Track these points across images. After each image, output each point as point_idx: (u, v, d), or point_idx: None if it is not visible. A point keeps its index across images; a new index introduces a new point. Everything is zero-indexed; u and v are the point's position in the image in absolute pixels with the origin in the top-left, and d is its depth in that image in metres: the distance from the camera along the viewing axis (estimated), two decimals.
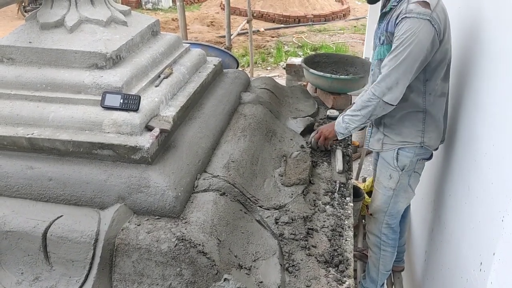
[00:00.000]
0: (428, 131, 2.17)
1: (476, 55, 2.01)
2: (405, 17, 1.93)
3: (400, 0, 2.01)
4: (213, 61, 2.51)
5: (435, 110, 2.14)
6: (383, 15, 2.14)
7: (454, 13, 2.25)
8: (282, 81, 7.31)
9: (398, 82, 1.98)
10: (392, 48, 1.99)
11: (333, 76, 2.75)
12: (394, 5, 2.04)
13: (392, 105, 2.03)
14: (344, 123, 2.18)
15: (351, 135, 2.55)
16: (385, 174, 2.33)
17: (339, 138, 2.24)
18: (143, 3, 13.53)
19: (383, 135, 2.27)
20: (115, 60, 1.80)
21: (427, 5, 1.92)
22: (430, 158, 2.31)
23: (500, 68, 1.72)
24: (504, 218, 1.47)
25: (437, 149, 2.31)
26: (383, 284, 2.65)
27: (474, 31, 2.08)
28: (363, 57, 7.09)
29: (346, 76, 2.78)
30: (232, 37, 6.30)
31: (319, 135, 2.28)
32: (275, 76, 8.30)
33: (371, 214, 2.50)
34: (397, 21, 1.97)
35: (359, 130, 2.27)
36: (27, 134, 1.64)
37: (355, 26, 12.01)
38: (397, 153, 2.24)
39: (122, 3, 13.25)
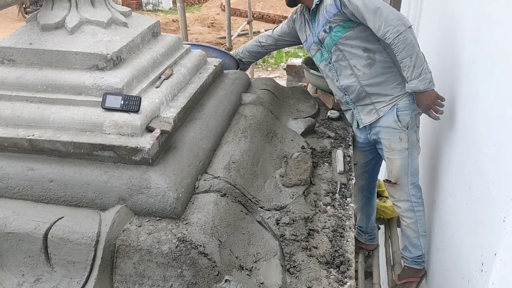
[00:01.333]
0: (404, 81, 2.32)
1: (477, 55, 2.00)
2: None
3: None
4: (213, 62, 2.51)
5: (397, 60, 2.29)
6: (313, 16, 2.41)
7: (454, 12, 2.25)
8: (282, 81, 7.31)
9: (395, 11, 2.20)
10: (362, 7, 2.17)
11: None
12: (317, 1, 2.33)
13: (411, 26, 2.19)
14: (420, 75, 2.19)
15: (352, 136, 2.57)
16: (395, 139, 2.44)
17: (434, 87, 2.25)
18: (144, 4, 13.55)
19: (372, 104, 2.43)
20: (115, 61, 1.80)
21: None
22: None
23: (500, 68, 1.72)
24: (506, 219, 1.47)
25: None
26: (425, 247, 2.66)
27: (474, 30, 2.08)
28: None
29: None
30: (232, 38, 6.31)
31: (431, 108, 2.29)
32: (275, 77, 8.30)
33: (394, 183, 2.53)
34: None
35: None
36: (28, 136, 1.64)
37: None
38: (397, 115, 2.38)
39: (122, 5, 13.28)
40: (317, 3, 2.33)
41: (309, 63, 3.01)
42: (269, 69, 8.98)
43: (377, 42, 2.32)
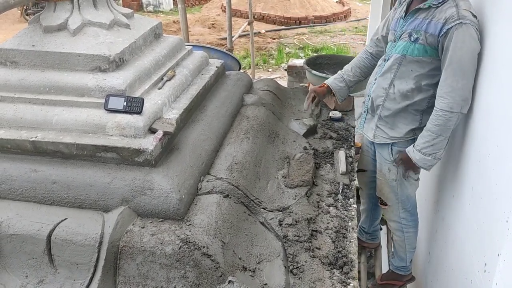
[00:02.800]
0: (421, 128, 2.16)
1: (480, 56, 2.00)
2: (461, 23, 1.90)
3: (443, 1, 1.99)
4: (215, 63, 2.51)
5: (431, 111, 2.12)
6: (416, 11, 2.09)
7: None
8: (283, 82, 7.31)
9: (470, 90, 1.97)
10: (451, 58, 1.94)
11: None
12: (434, 4, 2.01)
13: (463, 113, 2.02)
14: (429, 155, 2.07)
15: (354, 136, 2.57)
16: (385, 168, 2.40)
17: (429, 171, 2.20)
18: (144, 6, 13.56)
19: (376, 126, 2.32)
20: (118, 63, 1.80)
21: (475, 15, 1.95)
22: None
23: (503, 69, 1.72)
24: (509, 219, 1.47)
25: None
26: (411, 260, 2.70)
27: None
28: None
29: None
30: (233, 39, 6.31)
31: (405, 169, 2.28)
32: (276, 77, 8.30)
33: (385, 205, 2.54)
34: (449, 27, 1.93)
35: None
36: (31, 137, 1.64)
37: (356, 27, 12.02)
38: (391, 149, 2.32)
39: (123, 6, 13.29)
40: (432, 5, 2.01)
41: (311, 64, 3.02)
42: (270, 69, 8.97)
43: (434, 86, 2.09)
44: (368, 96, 2.37)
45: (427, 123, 2.08)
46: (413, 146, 2.14)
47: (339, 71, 2.58)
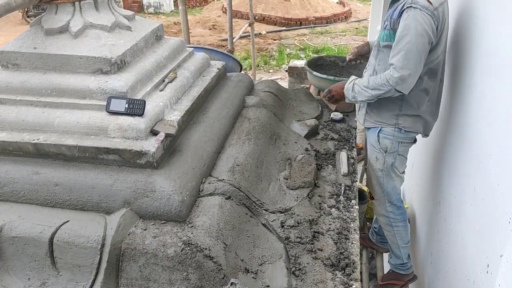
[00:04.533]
0: (402, 115, 2.33)
1: (482, 56, 2.00)
2: (410, 6, 2.05)
3: None
4: (216, 64, 2.51)
5: (412, 100, 2.28)
6: (393, 2, 2.26)
7: (457, 12, 2.24)
8: (284, 83, 7.31)
9: (410, 73, 2.10)
10: (396, 39, 2.11)
11: (336, 78, 2.75)
12: None
13: (403, 93, 2.16)
14: (353, 92, 2.30)
15: (355, 137, 2.58)
16: (372, 156, 2.49)
17: (346, 101, 2.41)
18: (145, 7, 13.57)
19: (365, 111, 2.46)
20: (119, 65, 1.80)
21: (430, 2, 2.05)
22: (414, 141, 2.46)
23: (505, 69, 1.72)
24: (511, 220, 1.47)
25: (425, 135, 2.44)
26: (408, 256, 2.76)
27: (480, 32, 2.08)
28: None
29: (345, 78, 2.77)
30: (234, 40, 6.32)
31: (331, 95, 2.46)
32: (277, 78, 8.30)
33: (373, 199, 2.64)
34: (402, 10, 2.09)
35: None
36: (33, 140, 1.64)
37: (356, 28, 12.02)
38: (378, 136, 2.42)
39: (124, 7, 13.31)
40: None
41: (312, 65, 3.02)
42: (271, 70, 8.97)
43: None
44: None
45: (366, 76, 2.29)
46: (356, 78, 2.35)
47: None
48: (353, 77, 2.37)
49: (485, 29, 1.99)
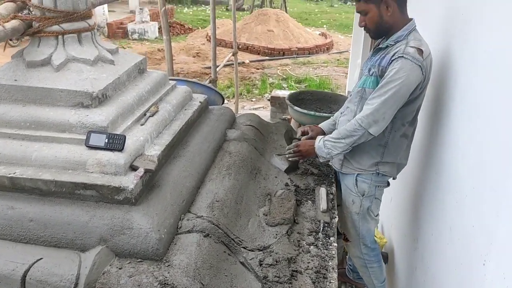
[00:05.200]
0: (384, 163, 2.33)
1: (457, 100, 2.06)
2: (402, 56, 2.07)
3: (398, 40, 2.17)
4: (199, 98, 2.53)
5: (393, 147, 2.30)
6: (377, 50, 2.28)
7: (434, 54, 2.32)
8: (266, 112, 7.38)
9: (384, 117, 2.13)
10: (382, 83, 2.12)
11: (317, 113, 2.80)
12: (391, 44, 2.19)
13: (375, 136, 2.17)
14: (326, 148, 2.27)
15: (335, 172, 2.60)
16: (349, 199, 2.48)
17: (320, 161, 2.39)
18: (130, 34, 13.61)
19: (343, 157, 2.42)
20: (101, 99, 1.80)
21: (421, 53, 2.08)
22: (388, 185, 2.48)
23: (478, 113, 1.77)
24: (486, 262, 1.49)
25: (395, 178, 2.47)
26: None
27: (454, 75, 2.15)
28: (346, 91, 7.22)
29: (329, 114, 2.83)
30: (218, 69, 6.37)
31: (298, 151, 2.40)
32: (259, 107, 8.37)
33: (347, 240, 2.63)
34: (393, 58, 2.11)
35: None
36: (9, 174, 1.61)
37: (338, 60, 12.26)
38: (356, 180, 2.40)
39: (108, 34, 13.35)
40: (389, 45, 2.19)
41: (293, 99, 3.07)
42: (254, 99, 9.04)
43: (390, 122, 2.20)
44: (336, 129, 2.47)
45: (339, 126, 2.27)
46: (323, 136, 2.33)
47: (332, 117, 2.71)
48: (319, 136, 2.36)
49: (460, 73, 2.06)
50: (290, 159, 2.43)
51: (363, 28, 2.25)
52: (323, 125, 2.66)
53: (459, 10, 2.18)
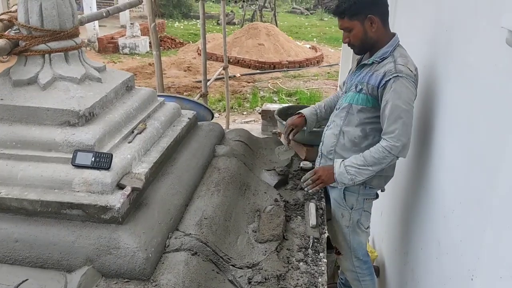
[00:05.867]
0: (371, 176, 2.30)
1: (442, 116, 2.09)
2: (397, 76, 2.10)
3: (384, 57, 2.19)
4: (187, 114, 2.53)
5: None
6: (362, 66, 2.30)
7: (422, 66, 2.34)
8: (258, 126, 7.40)
9: (409, 137, 2.14)
10: (389, 108, 2.11)
11: (305, 128, 2.80)
12: (377, 61, 2.21)
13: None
14: (349, 174, 2.22)
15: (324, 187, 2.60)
16: (338, 213, 2.50)
17: (339, 187, 2.34)
18: (121, 48, 13.65)
19: None
20: (88, 117, 1.79)
21: (412, 70, 2.14)
22: (376, 197, 2.49)
23: (462, 126, 1.79)
24: (473, 277, 1.49)
25: (383, 190, 2.48)
26: None
27: (432, 87, 2.17)
28: None
29: (318, 129, 2.83)
30: (208, 83, 6.40)
31: (317, 178, 2.34)
32: (250, 121, 8.39)
33: (339, 254, 2.63)
34: (387, 79, 2.12)
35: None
36: None
37: (328, 72, 12.37)
38: (344, 193, 2.42)
39: (99, 48, 13.37)
40: (375, 61, 2.22)
41: (282, 114, 3.07)
42: (245, 113, 9.07)
43: (378, 136, 2.25)
44: (322, 142, 2.53)
45: (366, 151, 2.22)
46: (343, 160, 2.27)
47: (313, 105, 2.79)
48: (337, 161, 2.31)
49: (444, 87, 2.08)
50: (310, 190, 2.37)
51: (347, 44, 2.27)
52: (305, 111, 2.69)
53: (443, 26, 2.21)
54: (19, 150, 1.72)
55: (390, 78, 2.10)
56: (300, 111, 2.74)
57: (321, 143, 2.56)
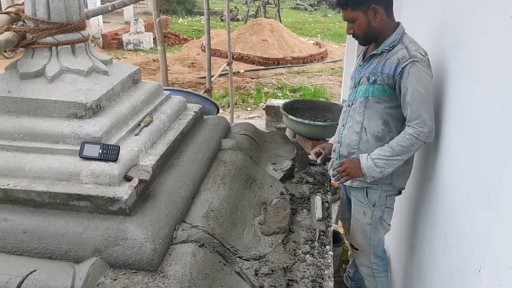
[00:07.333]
0: (398, 174, 2.30)
1: (447, 106, 2.08)
2: (413, 61, 2.07)
3: (393, 45, 2.16)
4: (193, 108, 2.53)
5: None
6: (370, 57, 2.26)
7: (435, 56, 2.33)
8: (262, 122, 7.39)
9: (433, 121, 2.11)
10: (410, 94, 2.08)
11: (311, 122, 2.81)
12: (386, 49, 2.18)
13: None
14: (378, 167, 2.18)
15: (330, 180, 2.60)
16: (359, 211, 2.45)
17: (368, 181, 2.29)
18: (125, 44, 13.64)
19: None
20: (95, 109, 1.80)
21: (424, 54, 2.12)
22: (399, 193, 2.45)
23: (470, 118, 1.78)
24: (481, 270, 1.49)
25: (404, 188, 2.44)
26: None
27: (440, 78, 2.16)
28: (341, 100, 7.26)
29: (324, 123, 2.84)
30: (212, 79, 6.39)
31: (343, 170, 2.30)
32: (255, 117, 8.38)
33: (356, 249, 2.59)
34: (403, 65, 2.09)
35: None
36: (3, 185, 1.61)
37: (332, 68, 12.32)
38: (366, 191, 2.38)
39: (103, 45, 13.38)
40: (384, 50, 2.18)
41: (288, 108, 3.08)
42: (249, 108, 9.06)
43: (400, 126, 2.23)
44: (339, 143, 2.45)
45: (391, 141, 2.18)
46: (369, 154, 2.22)
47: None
48: (363, 155, 2.25)
49: (451, 79, 2.07)
50: (337, 182, 2.37)
51: (351, 35, 2.26)
52: (334, 140, 2.62)
53: (451, 18, 2.20)
54: (26, 142, 1.72)
55: (406, 64, 2.08)
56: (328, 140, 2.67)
57: (337, 144, 2.47)
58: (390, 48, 2.17)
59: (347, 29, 2.25)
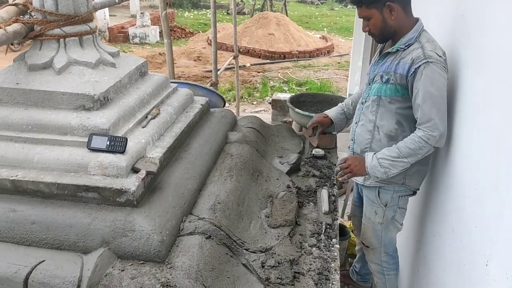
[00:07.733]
0: (411, 173, 2.26)
1: (458, 101, 2.06)
2: (427, 61, 2.01)
3: (409, 44, 2.10)
4: (200, 100, 2.53)
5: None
6: (386, 55, 2.21)
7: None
8: (268, 115, 7.38)
9: (445, 125, 2.05)
10: (422, 96, 2.02)
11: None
12: (402, 48, 2.12)
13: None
14: (383, 167, 2.14)
15: (336, 174, 2.59)
16: (371, 210, 2.43)
17: (371, 181, 2.27)
18: (131, 38, 13.65)
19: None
20: (102, 101, 1.80)
21: (441, 55, 2.05)
22: (414, 194, 2.40)
23: (480, 112, 1.77)
24: (488, 263, 1.48)
25: (418, 189, 2.39)
26: None
27: (451, 73, 2.15)
28: (347, 93, 7.23)
29: None
30: (219, 72, 6.39)
31: (346, 166, 2.28)
32: (260, 110, 8.38)
33: (367, 247, 2.58)
34: (416, 66, 2.03)
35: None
36: (11, 176, 1.62)
37: (339, 63, 12.27)
38: (378, 191, 2.36)
39: (109, 38, 13.39)
40: (400, 48, 2.13)
41: (294, 101, 3.07)
42: (255, 102, 9.05)
43: (414, 126, 2.15)
44: (353, 140, 2.42)
45: (400, 142, 2.14)
46: (375, 153, 2.19)
47: (340, 104, 2.69)
48: (369, 154, 2.23)
49: (462, 73, 2.06)
50: (340, 178, 2.34)
51: (367, 33, 2.21)
52: (331, 113, 2.63)
53: (460, 10, 2.18)
54: (35, 134, 1.73)
55: (420, 65, 2.02)
56: (325, 112, 2.67)
57: (351, 142, 2.46)
58: (406, 47, 2.11)
59: (363, 27, 2.21)
